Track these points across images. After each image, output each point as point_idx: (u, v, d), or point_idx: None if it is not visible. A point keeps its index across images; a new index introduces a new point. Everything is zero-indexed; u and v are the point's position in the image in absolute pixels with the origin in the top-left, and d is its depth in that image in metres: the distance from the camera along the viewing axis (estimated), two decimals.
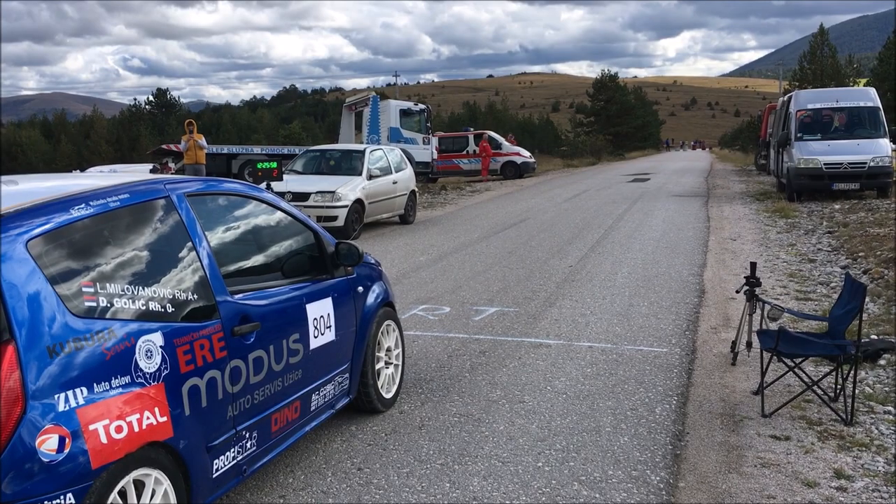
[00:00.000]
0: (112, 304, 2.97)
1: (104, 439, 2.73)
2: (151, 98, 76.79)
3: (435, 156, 29.04)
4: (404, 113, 27.52)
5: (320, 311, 4.31)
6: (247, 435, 3.59)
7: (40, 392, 2.60)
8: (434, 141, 29.71)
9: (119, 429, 2.79)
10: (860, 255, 10.49)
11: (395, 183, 15.58)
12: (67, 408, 2.66)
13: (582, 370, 5.91)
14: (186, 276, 3.38)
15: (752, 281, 5.90)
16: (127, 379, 2.91)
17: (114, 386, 2.85)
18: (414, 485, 4.02)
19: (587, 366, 6.02)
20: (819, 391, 5.00)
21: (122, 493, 2.82)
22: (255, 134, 73.18)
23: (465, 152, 33.18)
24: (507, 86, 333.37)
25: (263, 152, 25.93)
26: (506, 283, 9.35)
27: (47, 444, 2.58)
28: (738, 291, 6.27)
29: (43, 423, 2.58)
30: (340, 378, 4.58)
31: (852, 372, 4.86)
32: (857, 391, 5.00)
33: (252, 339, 3.62)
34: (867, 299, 7.66)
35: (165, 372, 3.09)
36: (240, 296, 3.64)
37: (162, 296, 3.20)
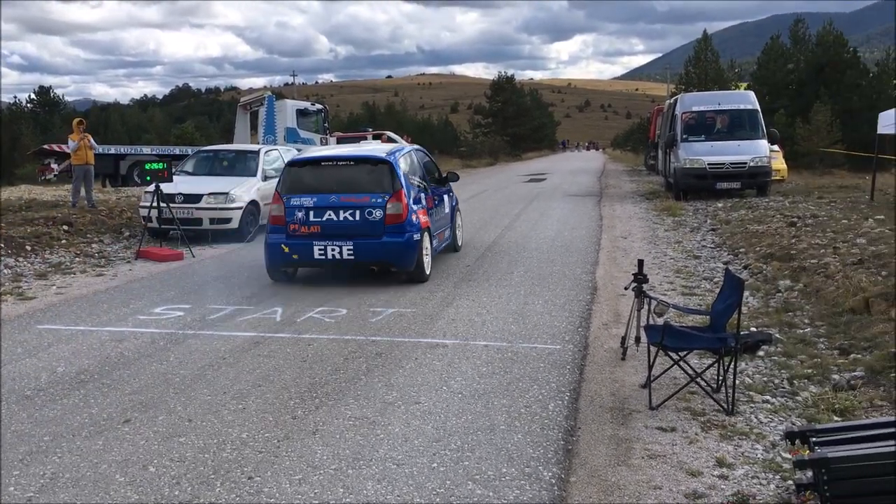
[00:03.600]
0: (414, 182, 9.77)
1: (422, 221, 9.43)
2: (33, 96, 72.97)
3: None
4: (301, 113, 27.07)
5: (446, 199, 11.21)
6: (436, 236, 10.10)
7: (410, 207, 9.17)
8: (332, 141, 29.40)
9: (423, 222, 9.47)
10: (741, 251, 10.99)
11: None
12: (416, 212, 9.34)
13: (478, 369, 5.96)
14: (425, 175, 10.58)
15: (640, 277, 6.08)
16: (422, 205, 9.68)
17: (421, 207, 9.62)
18: (306, 492, 3.95)
19: (483, 364, 6.07)
20: (702, 383, 5.20)
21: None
22: (146, 134, 70.61)
23: None
24: (405, 86, 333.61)
25: (153, 152, 25.04)
26: (403, 284, 9.33)
27: (415, 219, 9.24)
28: (626, 288, 6.45)
29: (413, 215, 9.21)
30: (449, 231, 11.14)
31: (733, 364, 5.08)
32: (737, 382, 5.22)
33: (437, 203, 10.35)
34: (747, 293, 8.05)
35: (427, 206, 9.82)
36: (432, 186, 10.55)
37: (422, 181, 10.21)
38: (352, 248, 8.87)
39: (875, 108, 25.81)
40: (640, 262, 6.31)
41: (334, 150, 11.88)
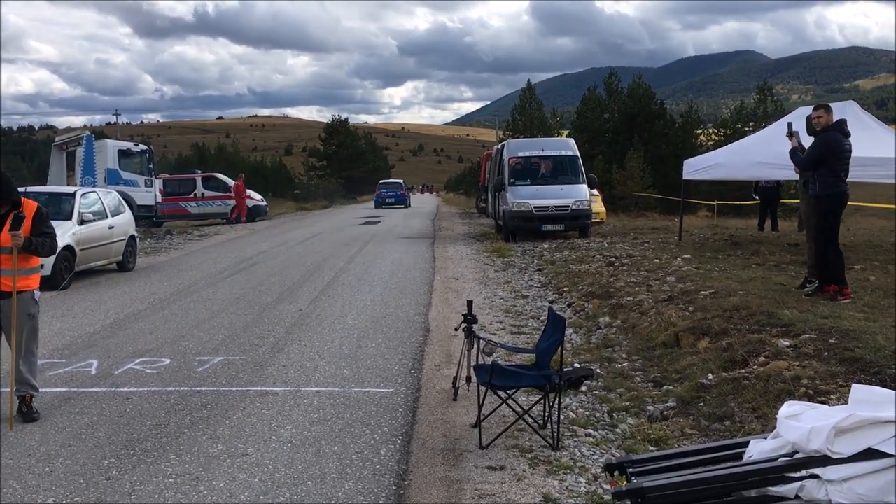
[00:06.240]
0: (406, 186, 56.17)
1: (408, 196, 53.86)
2: None
3: (159, 199, 27.59)
4: (123, 153, 25.86)
5: (408, 192, 53.95)
6: (409, 199, 54.01)
7: (405, 192, 53.35)
8: (158, 183, 28.23)
9: (408, 196, 54.86)
10: (565, 290, 11.50)
11: (111, 228, 14.50)
12: (406, 193, 53.89)
13: (309, 416, 5.82)
14: (405, 186, 57.57)
15: (470, 318, 6.19)
16: (406, 192, 53.33)
17: (407, 193, 54.39)
18: None
19: (314, 411, 5.94)
20: (530, 420, 5.34)
21: None
22: None
23: (192, 195, 31.87)
24: (237, 127, 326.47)
25: None
26: (233, 331, 9.02)
27: (407, 195, 52.50)
28: (457, 329, 6.56)
29: (407, 194, 54.74)
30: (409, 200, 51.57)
31: (557, 400, 5.27)
32: (562, 417, 5.41)
33: (407, 192, 53.13)
34: (570, 331, 8.42)
35: (408, 193, 53.52)
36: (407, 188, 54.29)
37: (406, 187, 56.84)
38: (394, 200, 47.56)
39: (681, 155, 28.10)
40: (470, 303, 6.44)
41: (388, 180, 56.17)
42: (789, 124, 8.92)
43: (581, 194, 19.59)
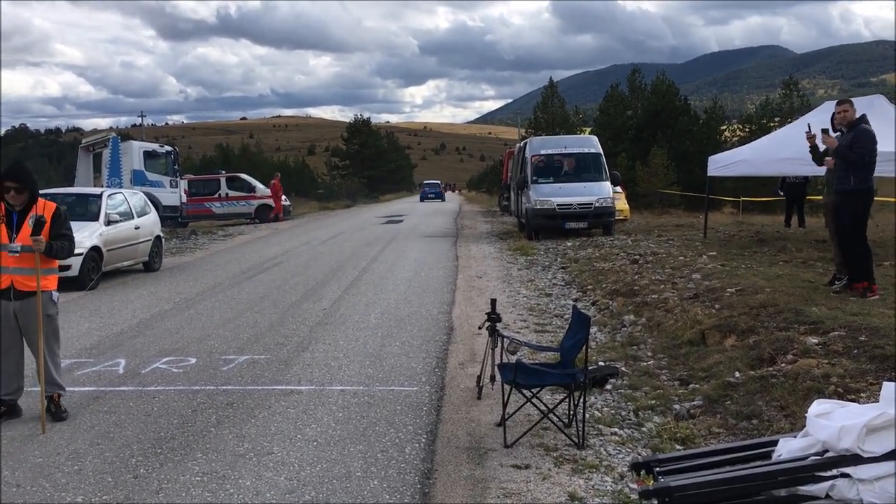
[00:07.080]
0: (441, 186, 77.53)
1: (445, 194, 74.86)
2: None
3: (184, 199, 27.83)
4: (149, 155, 26.11)
5: (445, 192, 74.62)
6: (444, 196, 69.61)
7: (443, 191, 75.50)
8: (183, 184, 28.47)
9: (445, 194, 76.29)
10: (589, 287, 11.45)
11: (137, 228, 14.65)
12: (442, 192, 73.24)
13: (333, 415, 5.84)
14: (440, 185, 76.95)
15: (493, 316, 6.18)
16: (444, 192, 76.30)
17: (445, 192, 76.45)
18: None
19: (339, 410, 5.96)
20: (555, 418, 5.32)
21: None
22: None
23: (216, 195, 32.12)
24: (261, 128, 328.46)
25: None
26: (257, 330, 9.07)
27: (443, 192, 74.60)
28: (480, 327, 6.55)
29: (443, 192, 74.20)
30: (445, 196, 69.94)
31: (582, 398, 5.24)
32: (587, 416, 5.38)
33: (444, 192, 72.63)
34: (595, 328, 8.37)
35: (444, 192, 74.87)
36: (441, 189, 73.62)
37: (442, 188, 76.06)
38: (434, 196, 63.19)
39: (705, 151, 27.76)
40: (493, 302, 6.42)
41: (430, 181, 73.71)
42: (808, 125, 8.78)
43: (604, 192, 19.49)
